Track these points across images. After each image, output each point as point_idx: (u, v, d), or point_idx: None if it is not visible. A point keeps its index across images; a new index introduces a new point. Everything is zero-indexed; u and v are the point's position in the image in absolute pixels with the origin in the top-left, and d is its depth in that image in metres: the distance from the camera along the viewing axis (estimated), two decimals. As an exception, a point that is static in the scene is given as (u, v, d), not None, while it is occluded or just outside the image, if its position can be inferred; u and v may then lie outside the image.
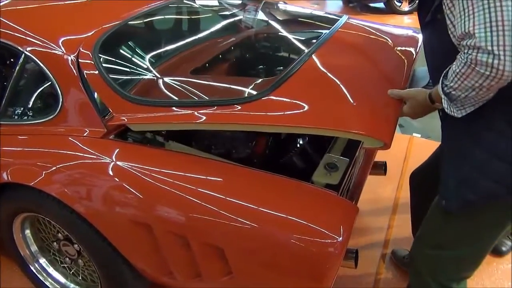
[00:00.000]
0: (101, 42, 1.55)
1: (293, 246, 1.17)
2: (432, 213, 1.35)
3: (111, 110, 1.43)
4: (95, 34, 1.59)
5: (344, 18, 2.09)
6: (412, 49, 1.82)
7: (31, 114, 1.61)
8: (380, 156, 2.20)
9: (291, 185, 1.30)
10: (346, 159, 1.47)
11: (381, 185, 2.51)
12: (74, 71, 1.49)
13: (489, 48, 0.90)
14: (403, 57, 1.74)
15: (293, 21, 2.40)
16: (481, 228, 1.25)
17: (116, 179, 1.33)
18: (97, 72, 1.46)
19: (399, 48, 1.84)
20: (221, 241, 1.24)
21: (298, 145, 1.52)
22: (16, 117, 1.61)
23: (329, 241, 1.16)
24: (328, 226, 1.18)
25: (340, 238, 1.16)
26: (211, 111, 1.33)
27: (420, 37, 1.95)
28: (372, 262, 2.05)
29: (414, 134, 3.12)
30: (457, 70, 1.01)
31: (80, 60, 1.48)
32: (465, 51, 0.97)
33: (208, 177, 1.31)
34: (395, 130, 1.32)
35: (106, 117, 1.44)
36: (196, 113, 1.33)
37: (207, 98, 1.46)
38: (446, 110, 1.12)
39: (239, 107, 1.32)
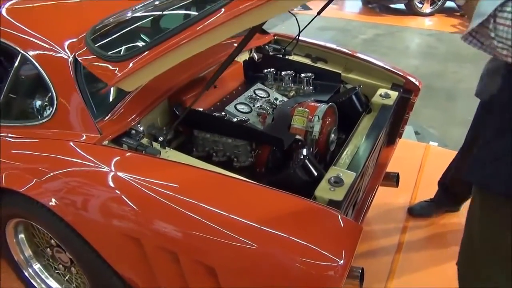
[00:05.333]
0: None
1: (291, 268, 1.09)
2: None
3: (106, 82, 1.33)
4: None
5: None
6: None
7: (25, 115, 1.56)
8: (393, 165, 2.09)
9: (292, 202, 1.21)
10: (353, 173, 1.37)
11: (393, 196, 2.39)
12: (71, 72, 1.44)
13: None
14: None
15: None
16: None
17: (114, 190, 1.27)
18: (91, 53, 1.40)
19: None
20: (213, 259, 1.16)
21: (302, 156, 1.43)
22: (11, 118, 1.57)
23: (330, 263, 1.08)
24: (329, 248, 1.10)
25: (342, 261, 1.08)
26: (189, 31, 1.20)
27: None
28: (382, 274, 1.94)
29: (431, 143, 2.98)
30: None
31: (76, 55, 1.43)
32: None
33: (206, 191, 1.23)
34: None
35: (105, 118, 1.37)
36: (174, 40, 1.21)
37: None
38: None
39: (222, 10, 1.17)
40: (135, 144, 1.39)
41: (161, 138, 1.45)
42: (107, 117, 1.43)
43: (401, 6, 6.64)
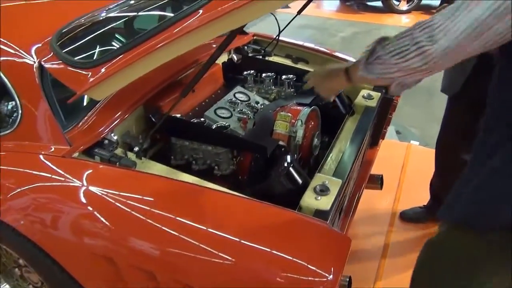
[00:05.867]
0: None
1: (277, 284, 1.02)
2: None
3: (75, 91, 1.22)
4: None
5: None
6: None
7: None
8: (375, 165, 2.05)
9: (275, 213, 1.15)
10: (339, 180, 1.32)
11: (376, 198, 2.36)
12: (36, 79, 1.33)
13: None
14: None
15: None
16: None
17: (85, 205, 1.18)
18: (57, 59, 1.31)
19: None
20: (192, 277, 1.09)
21: (286, 163, 1.37)
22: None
23: (318, 279, 1.02)
24: (317, 263, 1.04)
25: (331, 276, 1.02)
26: (165, 33, 1.11)
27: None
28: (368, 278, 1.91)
29: (412, 142, 2.97)
30: None
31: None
32: None
33: (184, 205, 1.16)
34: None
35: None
36: (149, 44, 1.12)
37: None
38: None
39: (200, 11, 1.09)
40: (108, 155, 1.30)
41: (136, 148, 1.36)
42: (77, 127, 1.34)
43: (378, 3, 6.67)
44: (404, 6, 6.49)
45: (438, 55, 0.83)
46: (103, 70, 1.12)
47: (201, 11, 1.07)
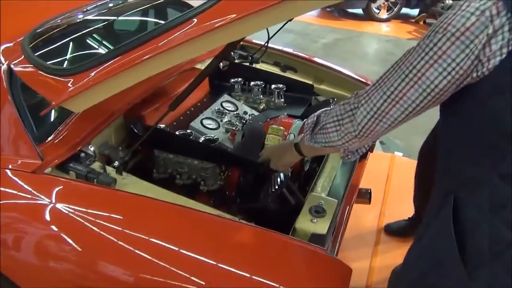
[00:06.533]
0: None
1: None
2: None
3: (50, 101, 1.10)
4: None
5: None
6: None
7: None
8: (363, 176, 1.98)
9: (269, 239, 1.06)
10: (335, 200, 1.25)
11: (360, 210, 2.30)
12: (4, 84, 1.20)
13: None
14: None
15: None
16: None
17: (51, 226, 1.06)
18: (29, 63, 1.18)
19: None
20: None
21: (279, 183, 1.28)
22: None
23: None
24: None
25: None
26: (155, 43, 0.98)
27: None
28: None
29: (396, 153, 2.95)
30: None
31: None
32: None
33: (166, 228, 1.06)
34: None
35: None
36: (139, 52, 0.99)
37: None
38: None
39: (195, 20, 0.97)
40: (85, 171, 1.17)
41: (116, 163, 1.24)
42: (50, 139, 1.21)
43: (358, 11, 6.70)
44: (384, 15, 6.54)
45: (363, 119, 0.86)
46: (84, 79, 1.00)
47: (195, 20, 0.97)
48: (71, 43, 1.36)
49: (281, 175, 1.31)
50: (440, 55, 0.74)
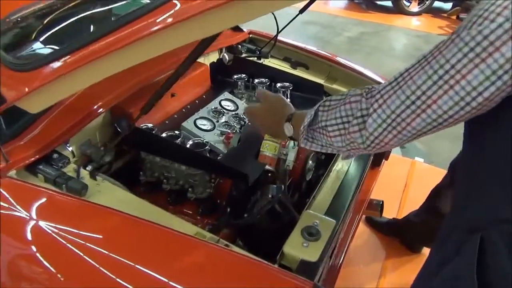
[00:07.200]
0: None
1: None
2: None
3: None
4: None
5: None
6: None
7: None
8: (377, 184, 1.81)
9: (245, 267, 0.91)
10: (332, 220, 1.09)
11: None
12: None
13: None
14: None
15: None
16: None
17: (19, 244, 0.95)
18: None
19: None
20: None
21: (270, 196, 1.14)
22: None
23: None
24: None
25: None
26: (128, 28, 0.84)
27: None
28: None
29: (417, 158, 2.74)
30: None
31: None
32: None
33: (140, 249, 0.93)
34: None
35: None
36: (112, 38, 0.85)
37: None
38: None
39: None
40: (54, 174, 1.06)
41: (89, 167, 1.12)
42: (19, 138, 1.10)
43: (387, 3, 6.39)
44: (415, 8, 6.21)
45: (377, 129, 0.68)
46: (39, 76, 0.87)
47: (178, 3, 0.82)
48: (35, 34, 1.24)
49: (274, 189, 1.16)
50: (491, 52, 0.54)
